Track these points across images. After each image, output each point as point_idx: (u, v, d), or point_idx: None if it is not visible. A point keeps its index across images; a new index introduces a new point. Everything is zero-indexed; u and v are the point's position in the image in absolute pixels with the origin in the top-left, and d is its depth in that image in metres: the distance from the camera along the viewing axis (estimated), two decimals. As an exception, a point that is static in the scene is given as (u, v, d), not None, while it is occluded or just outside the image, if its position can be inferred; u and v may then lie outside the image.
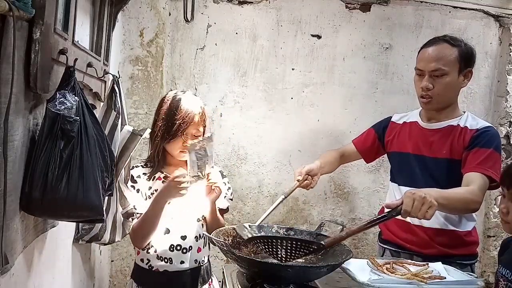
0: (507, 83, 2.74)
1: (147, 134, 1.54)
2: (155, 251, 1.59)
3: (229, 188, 1.71)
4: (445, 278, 1.40)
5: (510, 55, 2.74)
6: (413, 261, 1.57)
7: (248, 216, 2.57)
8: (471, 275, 1.48)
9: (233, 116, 2.58)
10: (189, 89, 2.07)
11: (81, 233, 1.60)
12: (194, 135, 1.57)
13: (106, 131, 1.40)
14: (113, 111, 1.48)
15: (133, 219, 1.59)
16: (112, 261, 2.38)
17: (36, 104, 1.06)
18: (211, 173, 1.56)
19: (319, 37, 2.62)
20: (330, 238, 1.38)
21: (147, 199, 1.59)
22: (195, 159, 1.49)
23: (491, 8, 2.72)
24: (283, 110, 2.61)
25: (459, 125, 1.70)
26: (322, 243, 1.34)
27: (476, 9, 2.72)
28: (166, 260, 1.59)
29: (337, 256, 1.36)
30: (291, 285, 1.28)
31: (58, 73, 1.11)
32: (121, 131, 1.50)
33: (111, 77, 1.58)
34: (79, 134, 1.06)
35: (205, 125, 1.62)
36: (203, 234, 1.63)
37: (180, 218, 1.60)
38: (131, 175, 1.60)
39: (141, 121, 2.33)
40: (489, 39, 2.77)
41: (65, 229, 1.46)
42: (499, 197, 1.36)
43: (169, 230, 1.59)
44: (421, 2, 2.67)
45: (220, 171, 1.70)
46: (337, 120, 2.66)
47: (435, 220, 1.55)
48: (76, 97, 1.09)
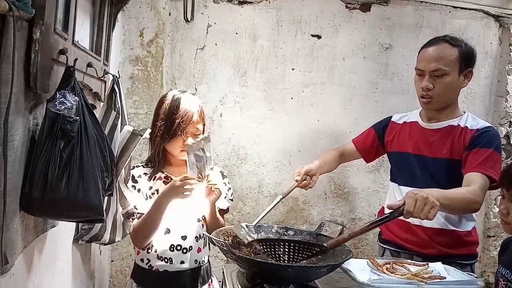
0: (507, 83, 2.74)
1: (147, 134, 1.54)
2: (155, 251, 1.59)
3: (230, 188, 1.71)
4: (445, 278, 1.40)
5: (510, 55, 2.74)
6: (413, 261, 1.57)
7: (248, 216, 2.57)
8: (471, 275, 1.48)
9: (233, 116, 2.57)
10: (188, 89, 2.07)
11: (80, 233, 1.60)
12: (193, 134, 1.57)
13: (106, 131, 1.40)
14: (113, 111, 1.48)
15: (133, 219, 1.59)
16: (112, 261, 2.38)
17: (36, 104, 1.06)
18: (211, 174, 1.56)
19: (319, 37, 2.62)
20: (332, 239, 1.38)
21: (147, 199, 1.60)
22: (194, 160, 1.49)
23: (491, 8, 2.72)
24: (283, 110, 2.61)
25: (459, 125, 1.70)
26: (324, 245, 1.34)
27: (476, 9, 2.72)
28: (166, 260, 1.59)
29: (337, 256, 1.36)
30: (291, 285, 1.28)
31: (58, 73, 1.11)
32: (121, 131, 1.50)
33: (111, 77, 1.58)
34: (79, 134, 1.06)
35: (205, 124, 1.63)
36: (203, 234, 1.63)
37: (180, 218, 1.60)
38: (132, 175, 1.60)
39: (141, 121, 2.33)
40: (489, 39, 2.77)
41: (65, 229, 1.46)
42: (499, 198, 1.36)
43: (170, 230, 1.59)
44: (421, 2, 2.67)
45: (220, 171, 1.70)
46: (337, 120, 2.66)
47: (435, 220, 1.55)
48: (76, 97, 1.09)
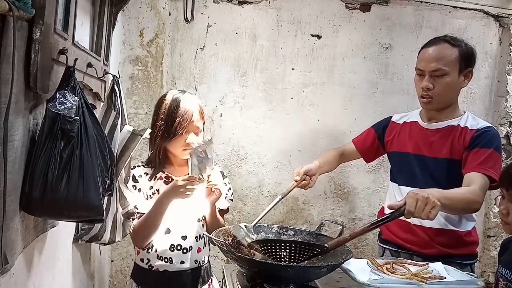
0: (507, 83, 2.74)
1: (147, 134, 1.55)
2: (155, 251, 1.59)
3: (230, 188, 1.71)
4: (445, 278, 1.40)
5: (510, 55, 2.74)
6: (413, 261, 1.57)
7: (248, 216, 2.57)
8: (471, 275, 1.48)
9: (233, 116, 2.57)
10: (188, 89, 2.07)
11: (80, 233, 1.60)
12: (194, 132, 1.58)
13: (106, 131, 1.40)
14: (113, 111, 1.48)
15: (134, 219, 1.59)
16: (112, 261, 2.38)
17: (36, 104, 1.06)
18: (212, 175, 1.57)
19: (319, 37, 2.62)
20: (334, 240, 1.38)
21: (148, 199, 1.60)
22: (196, 162, 1.50)
23: (491, 8, 2.72)
24: (283, 110, 2.61)
25: (459, 125, 1.70)
26: (326, 245, 1.34)
27: (476, 9, 2.71)
28: (166, 260, 1.59)
29: (337, 256, 1.36)
30: (291, 285, 1.28)
31: (58, 73, 1.11)
32: (121, 131, 1.50)
33: (111, 77, 1.58)
34: (79, 134, 1.06)
35: (204, 121, 1.65)
36: (203, 234, 1.63)
37: (181, 218, 1.60)
38: (133, 175, 1.61)
39: (141, 121, 2.33)
40: (489, 39, 2.77)
41: (65, 229, 1.46)
42: (499, 198, 1.36)
43: (170, 230, 1.60)
44: (421, 2, 2.67)
45: (221, 172, 1.71)
46: (337, 120, 2.66)
47: (435, 220, 1.54)
48: (76, 97, 1.09)
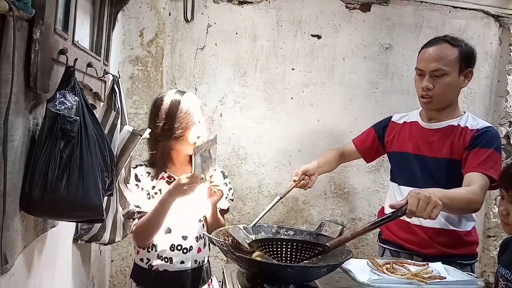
0: (507, 83, 2.74)
1: (147, 134, 1.55)
2: (156, 250, 1.59)
3: (230, 188, 1.72)
4: (445, 278, 1.40)
5: (510, 55, 2.74)
6: (413, 261, 1.57)
7: (248, 216, 2.57)
8: (471, 275, 1.48)
9: (233, 116, 2.57)
10: (188, 89, 2.07)
11: (80, 233, 1.60)
12: (197, 129, 1.60)
13: (106, 131, 1.40)
14: (113, 111, 1.48)
15: (134, 219, 1.59)
16: (112, 261, 2.38)
17: (36, 104, 1.06)
18: (214, 175, 1.57)
19: (319, 37, 2.62)
20: (335, 239, 1.38)
21: (150, 198, 1.60)
22: (200, 161, 1.50)
23: (491, 8, 2.72)
24: (283, 110, 2.61)
25: (459, 125, 1.70)
26: (327, 245, 1.34)
27: (476, 9, 2.71)
28: (166, 259, 1.59)
29: (337, 256, 1.36)
30: (291, 285, 1.28)
31: (58, 73, 1.11)
32: (121, 131, 1.50)
33: (111, 77, 1.58)
34: (79, 134, 1.06)
35: (204, 118, 1.67)
36: (203, 234, 1.63)
37: (181, 218, 1.60)
38: (135, 174, 1.61)
39: (141, 121, 2.33)
40: (489, 39, 2.77)
41: (65, 229, 1.46)
42: (499, 198, 1.36)
43: (170, 229, 1.60)
44: (421, 2, 2.67)
45: (221, 172, 1.71)
46: (337, 120, 2.66)
47: (435, 220, 1.55)
48: (76, 97, 1.09)
